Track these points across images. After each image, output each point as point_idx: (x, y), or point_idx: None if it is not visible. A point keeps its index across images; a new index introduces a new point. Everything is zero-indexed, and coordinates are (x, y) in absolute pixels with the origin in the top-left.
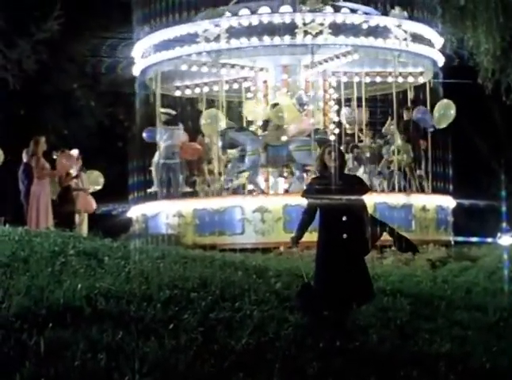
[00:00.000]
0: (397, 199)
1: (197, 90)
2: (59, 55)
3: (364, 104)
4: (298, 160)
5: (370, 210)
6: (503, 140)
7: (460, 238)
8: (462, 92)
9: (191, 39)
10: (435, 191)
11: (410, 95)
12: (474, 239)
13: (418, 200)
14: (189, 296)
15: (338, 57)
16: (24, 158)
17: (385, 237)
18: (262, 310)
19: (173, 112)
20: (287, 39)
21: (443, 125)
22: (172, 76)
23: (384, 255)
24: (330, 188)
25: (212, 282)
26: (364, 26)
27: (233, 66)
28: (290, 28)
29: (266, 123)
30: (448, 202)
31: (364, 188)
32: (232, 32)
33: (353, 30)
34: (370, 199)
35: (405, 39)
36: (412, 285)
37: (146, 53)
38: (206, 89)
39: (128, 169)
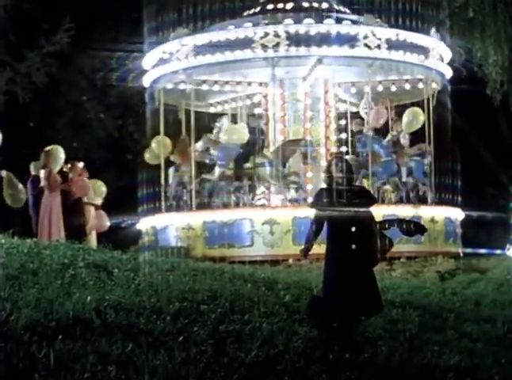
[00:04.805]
0: (406, 211)
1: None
2: (69, 68)
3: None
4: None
5: None
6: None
7: (468, 250)
8: (470, 103)
9: (244, 44)
10: (443, 202)
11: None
12: (483, 251)
13: (427, 212)
14: (198, 308)
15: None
16: (32, 171)
17: (394, 249)
18: (272, 323)
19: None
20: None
21: None
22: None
23: (392, 267)
24: (336, 199)
25: (222, 294)
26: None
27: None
28: (349, 41)
29: None
30: (457, 214)
31: (371, 200)
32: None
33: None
34: (379, 211)
35: (435, 57)
36: (421, 297)
37: (159, 63)
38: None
39: (137, 181)
